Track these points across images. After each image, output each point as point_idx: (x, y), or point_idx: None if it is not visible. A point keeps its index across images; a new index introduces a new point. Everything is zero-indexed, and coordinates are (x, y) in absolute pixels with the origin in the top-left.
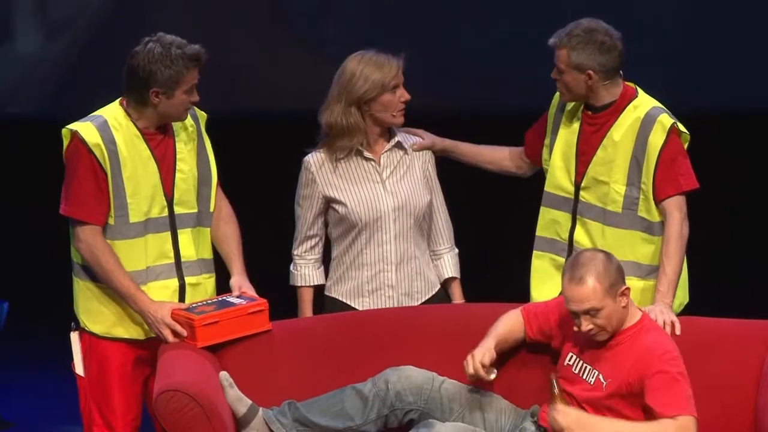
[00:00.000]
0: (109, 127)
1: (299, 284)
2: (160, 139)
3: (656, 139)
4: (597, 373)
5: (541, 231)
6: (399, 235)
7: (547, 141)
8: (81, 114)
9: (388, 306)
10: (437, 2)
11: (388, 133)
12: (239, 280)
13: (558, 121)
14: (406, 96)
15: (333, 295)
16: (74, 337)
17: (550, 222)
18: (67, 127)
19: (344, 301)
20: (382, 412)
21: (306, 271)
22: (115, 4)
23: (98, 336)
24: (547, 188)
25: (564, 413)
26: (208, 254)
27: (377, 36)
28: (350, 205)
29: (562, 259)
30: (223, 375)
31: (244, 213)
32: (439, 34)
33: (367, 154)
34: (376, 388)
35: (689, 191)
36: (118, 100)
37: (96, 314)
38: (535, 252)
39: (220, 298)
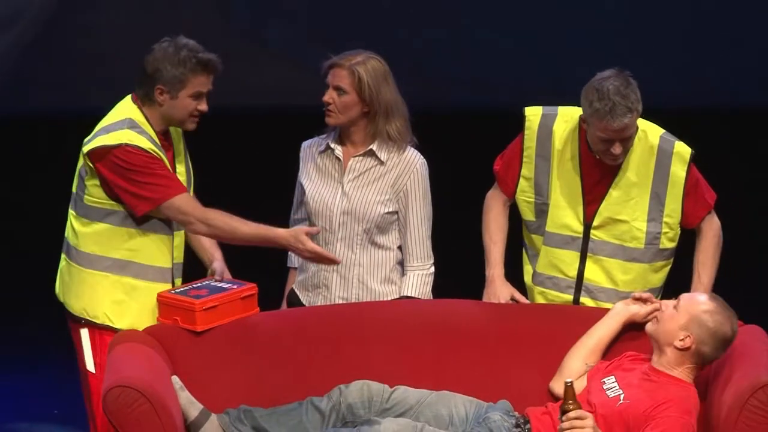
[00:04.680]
0: (146, 132)
1: (287, 264)
2: (166, 144)
3: (679, 172)
4: (622, 393)
5: (542, 268)
6: (345, 239)
7: (526, 173)
8: (23, 111)
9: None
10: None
11: (370, 139)
12: (221, 266)
13: (544, 156)
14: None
15: (294, 284)
16: (84, 333)
17: (553, 260)
18: (103, 144)
19: (296, 291)
20: (338, 426)
21: (292, 253)
22: (58, 1)
23: (118, 330)
24: (549, 228)
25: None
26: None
27: (322, 33)
28: (309, 197)
29: (567, 297)
30: (174, 379)
31: None
32: (389, 32)
33: (338, 153)
34: (332, 402)
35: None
36: (130, 96)
37: (124, 309)
38: (535, 287)
39: (204, 282)
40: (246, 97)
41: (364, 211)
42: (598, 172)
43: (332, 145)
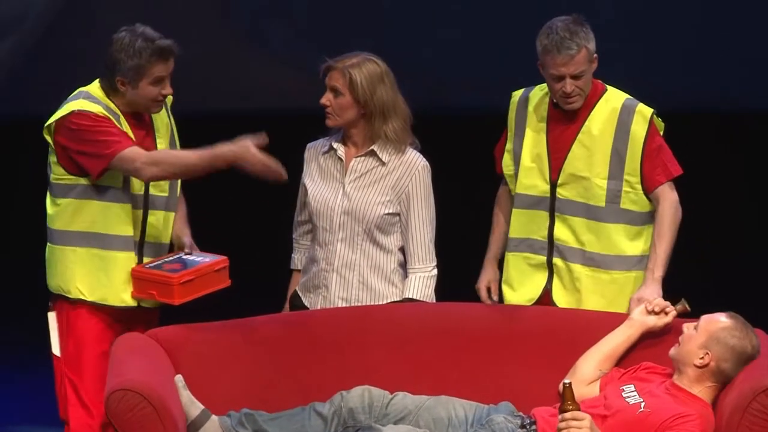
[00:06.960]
0: (101, 101)
1: (290, 267)
2: (135, 123)
3: (639, 130)
4: (642, 401)
5: (514, 233)
6: (345, 240)
7: (509, 146)
8: (24, 113)
9: (324, 306)
10: (385, 2)
11: (370, 140)
12: (190, 241)
13: (520, 124)
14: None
15: (297, 286)
16: (51, 316)
17: (525, 222)
18: (58, 117)
19: (299, 293)
20: (339, 431)
21: (296, 255)
22: (63, 3)
23: (91, 303)
24: (518, 190)
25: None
26: (168, 239)
27: (323, 35)
28: (310, 196)
29: (542, 258)
30: (178, 378)
31: None
32: (389, 33)
33: (340, 153)
34: (334, 407)
35: (677, 177)
36: (97, 80)
37: (94, 282)
38: (508, 254)
39: (176, 257)
40: (246, 99)
41: (364, 211)
42: (563, 125)
43: (335, 146)
